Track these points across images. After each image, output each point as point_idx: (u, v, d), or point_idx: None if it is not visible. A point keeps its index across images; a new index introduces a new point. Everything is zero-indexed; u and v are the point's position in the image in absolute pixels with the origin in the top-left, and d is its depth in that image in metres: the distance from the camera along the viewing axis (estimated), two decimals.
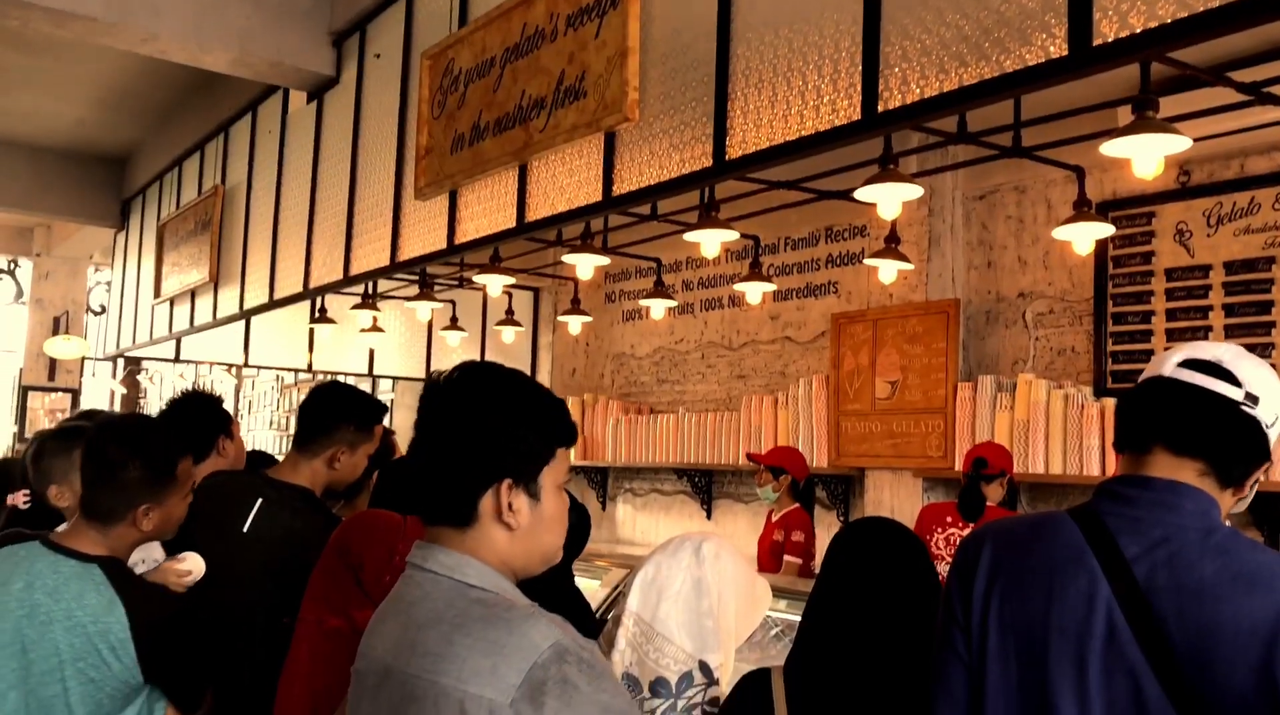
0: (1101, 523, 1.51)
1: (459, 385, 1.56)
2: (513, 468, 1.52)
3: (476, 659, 1.39)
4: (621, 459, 7.45)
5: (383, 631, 1.55)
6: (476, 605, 1.46)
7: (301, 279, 6.09)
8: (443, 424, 1.54)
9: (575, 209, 4.01)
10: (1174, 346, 1.64)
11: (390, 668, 1.49)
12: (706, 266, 7.24)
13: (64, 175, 9.28)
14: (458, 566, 1.50)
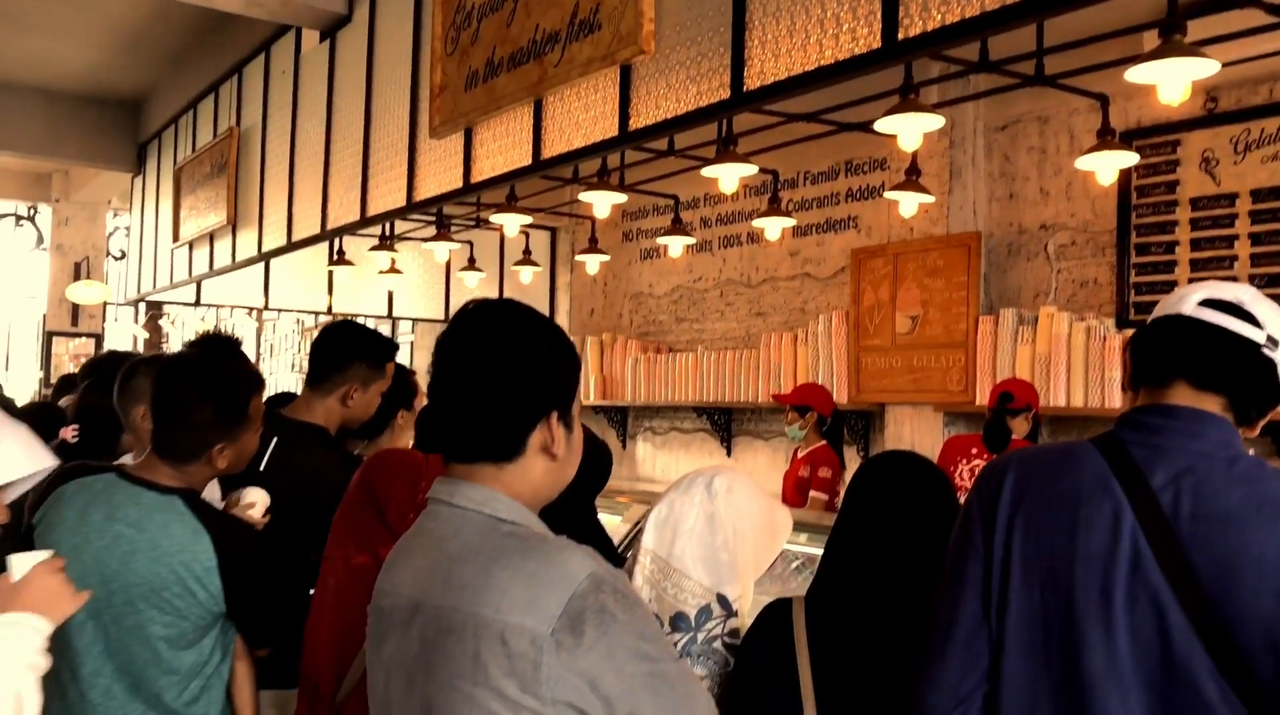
0: (1126, 451, 1.50)
1: (490, 322, 1.56)
2: (558, 399, 1.55)
3: (516, 590, 1.41)
4: (641, 398, 7.47)
5: (408, 567, 1.56)
6: (510, 539, 1.48)
7: (319, 220, 6.08)
8: (488, 361, 1.53)
9: (591, 145, 3.97)
10: (1189, 285, 1.62)
11: (421, 602, 1.50)
12: (725, 203, 7.19)
13: (80, 120, 9.26)
14: (487, 501, 1.51)
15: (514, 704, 1.40)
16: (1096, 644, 1.45)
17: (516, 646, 1.39)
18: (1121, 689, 1.44)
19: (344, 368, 2.89)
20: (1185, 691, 1.41)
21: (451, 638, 1.45)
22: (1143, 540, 1.44)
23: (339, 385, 2.89)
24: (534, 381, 1.53)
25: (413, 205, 5.21)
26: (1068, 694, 1.47)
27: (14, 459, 1.77)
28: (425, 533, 1.57)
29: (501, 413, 1.53)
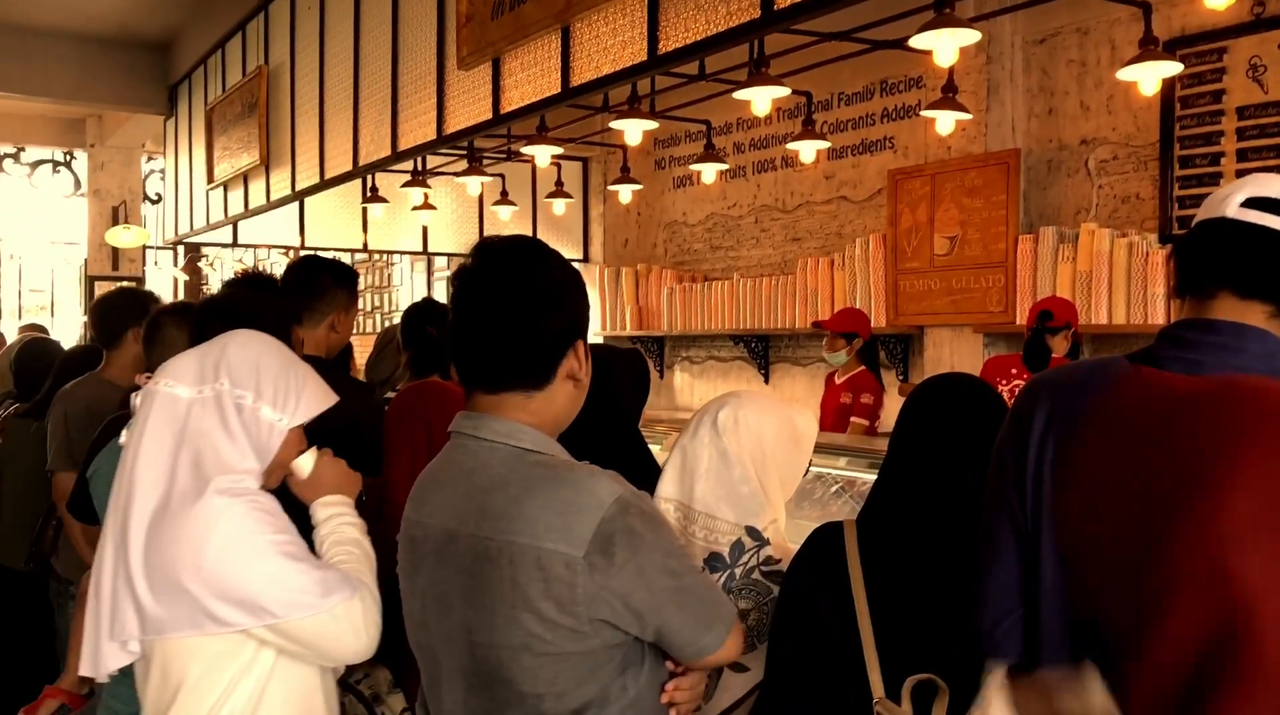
0: (1162, 367, 1.46)
1: (517, 256, 1.61)
2: (581, 327, 1.63)
3: (549, 517, 1.49)
4: (677, 328, 7.47)
5: (438, 499, 1.63)
6: (538, 468, 1.55)
7: (351, 157, 6.07)
8: (522, 293, 1.58)
9: (621, 70, 3.91)
10: (1235, 182, 1.54)
11: (456, 532, 1.57)
12: (758, 127, 7.10)
13: (110, 64, 9.26)
14: (512, 434, 1.58)
15: (552, 624, 1.49)
16: None
17: (553, 570, 1.48)
18: None
19: (328, 297, 3.04)
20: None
21: (489, 565, 1.53)
22: None
23: (325, 315, 3.04)
24: (562, 310, 1.59)
25: (443, 138, 5.19)
26: None
27: (321, 395, 1.87)
28: (453, 465, 1.63)
29: (537, 342, 1.58)
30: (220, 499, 1.69)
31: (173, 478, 1.71)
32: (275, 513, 1.76)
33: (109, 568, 1.72)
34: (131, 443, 1.77)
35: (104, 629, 1.71)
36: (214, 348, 1.85)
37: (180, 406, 1.76)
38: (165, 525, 1.68)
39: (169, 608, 1.66)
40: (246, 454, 1.76)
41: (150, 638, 1.70)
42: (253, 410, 1.77)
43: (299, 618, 1.68)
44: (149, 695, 1.75)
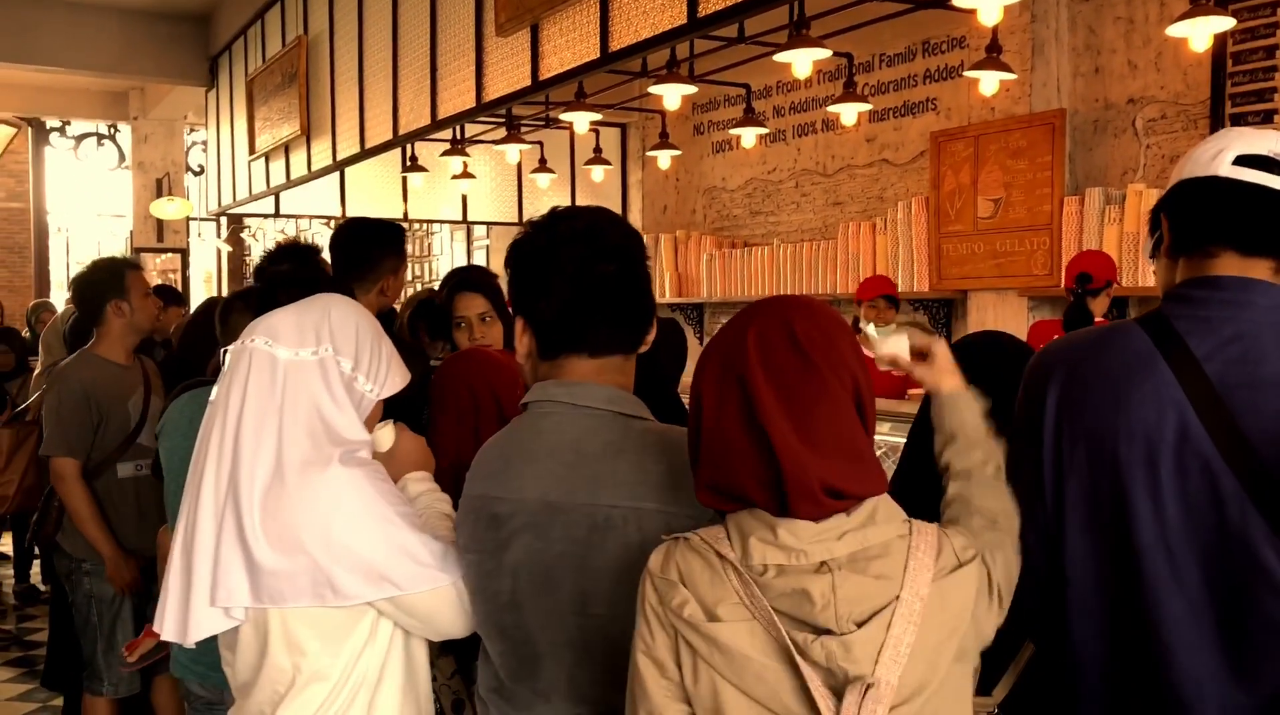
0: (1170, 326, 1.46)
1: (607, 229, 1.61)
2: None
3: (676, 480, 1.47)
4: (716, 294, 7.45)
5: (528, 471, 1.58)
6: (649, 433, 1.55)
7: (391, 126, 6.09)
8: (616, 264, 1.57)
9: (660, 34, 3.89)
10: (1218, 136, 1.52)
11: (559, 503, 1.54)
12: (798, 90, 7.03)
13: (152, 36, 9.33)
14: (613, 400, 1.57)
15: None
16: (1145, 516, 1.43)
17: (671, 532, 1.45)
18: (1172, 559, 1.43)
19: (378, 262, 3.04)
20: (1241, 557, 1.39)
21: (611, 533, 1.50)
22: (1190, 412, 1.41)
23: (376, 279, 3.04)
24: (647, 280, 1.62)
25: (482, 106, 5.19)
26: (1124, 566, 1.47)
27: (403, 371, 1.84)
28: (543, 435, 1.59)
29: (639, 310, 1.60)
30: (345, 469, 1.65)
31: (282, 443, 1.65)
32: (391, 483, 1.74)
33: (209, 529, 1.66)
34: (230, 401, 1.69)
35: (201, 593, 1.65)
36: (314, 309, 1.78)
37: (279, 367, 1.69)
38: (284, 493, 1.62)
39: (289, 577, 1.62)
40: (356, 424, 1.72)
41: (264, 606, 1.65)
42: (351, 378, 1.73)
43: (420, 590, 1.66)
44: (248, 662, 1.72)
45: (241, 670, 1.74)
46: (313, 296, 1.86)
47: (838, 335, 1.29)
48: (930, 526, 1.31)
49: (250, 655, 1.71)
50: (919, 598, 1.23)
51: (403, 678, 1.74)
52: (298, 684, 1.67)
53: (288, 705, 1.68)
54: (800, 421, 1.23)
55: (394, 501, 1.69)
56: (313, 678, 1.67)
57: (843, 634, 1.21)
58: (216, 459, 1.66)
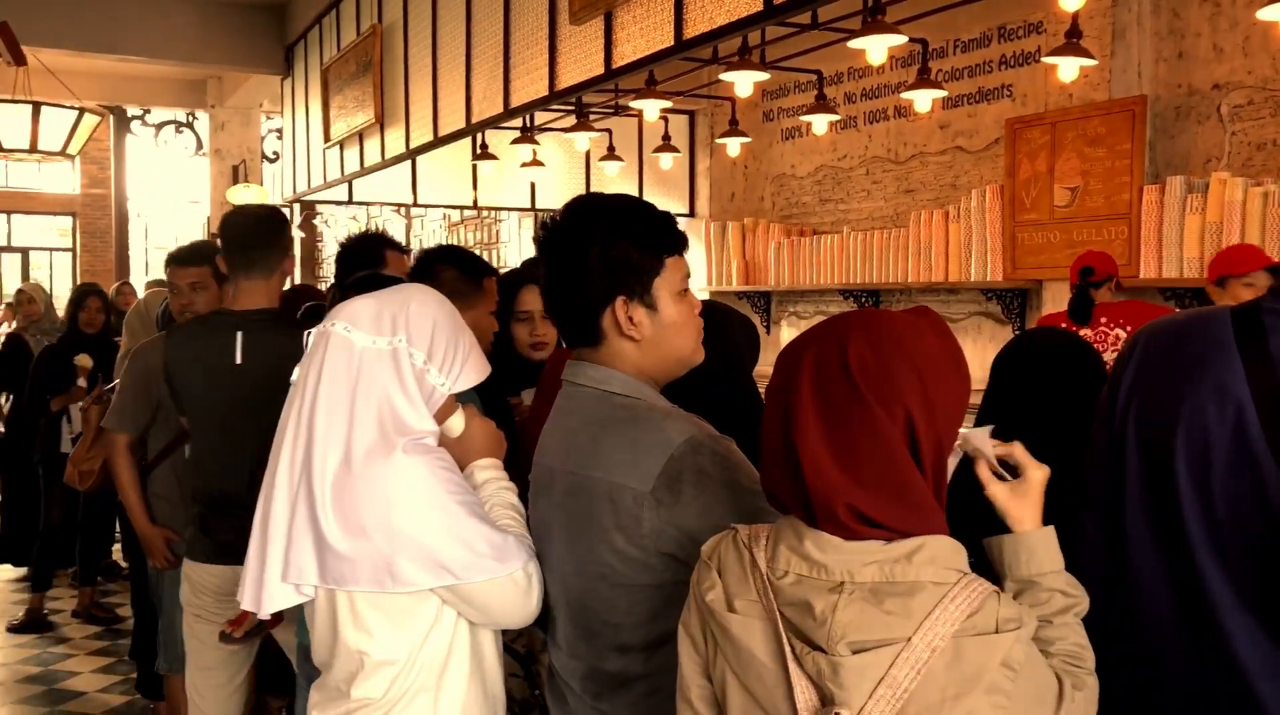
0: (1259, 318, 1.41)
1: (563, 221, 1.71)
2: (623, 285, 1.66)
3: (620, 454, 1.60)
4: (785, 282, 7.41)
5: (548, 441, 1.78)
6: (620, 410, 1.65)
7: (464, 114, 6.15)
8: (556, 259, 1.70)
9: (736, 21, 3.87)
10: None
11: (555, 469, 1.72)
12: (870, 76, 6.96)
13: (229, 25, 9.51)
14: (604, 379, 1.68)
15: (624, 555, 1.59)
16: (1193, 510, 1.40)
17: (622, 504, 1.58)
18: (1220, 556, 1.39)
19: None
20: None
21: (573, 499, 1.66)
22: (1250, 409, 1.36)
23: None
24: (588, 273, 1.65)
25: (555, 94, 5.22)
26: (1175, 558, 1.43)
27: (480, 366, 1.85)
28: (558, 410, 1.77)
29: (568, 304, 1.70)
30: (407, 458, 1.68)
31: (352, 429, 1.69)
32: (457, 472, 1.77)
33: (283, 507, 1.71)
34: (308, 383, 1.74)
35: (274, 569, 1.71)
36: (394, 298, 1.80)
37: (354, 353, 1.73)
38: (350, 479, 1.67)
39: (353, 562, 1.66)
40: (424, 414, 1.74)
41: (330, 586, 1.70)
42: (422, 371, 1.76)
43: (477, 580, 1.69)
44: (323, 640, 1.77)
45: (319, 649, 1.80)
46: (399, 285, 1.90)
47: (895, 365, 1.24)
48: (983, 585, 1.22)
49: (324, 634, 1.77)
50: (930, 648, 1.16)
51: (470, 663, 1.77)
52: (367, 665, 1.72)
53: (360, 684, 1.73)
54: (839, 445, 1.22)
55: (456, 491, 1.72)
56: (381, 659, 1.72)
57: (832, 655, 1.19)
58: (293, 440, 1.72)
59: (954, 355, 1.31)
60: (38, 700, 5.05)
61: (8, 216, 17.99)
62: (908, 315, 1.32)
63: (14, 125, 8.55)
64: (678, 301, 1.70)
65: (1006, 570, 1.39)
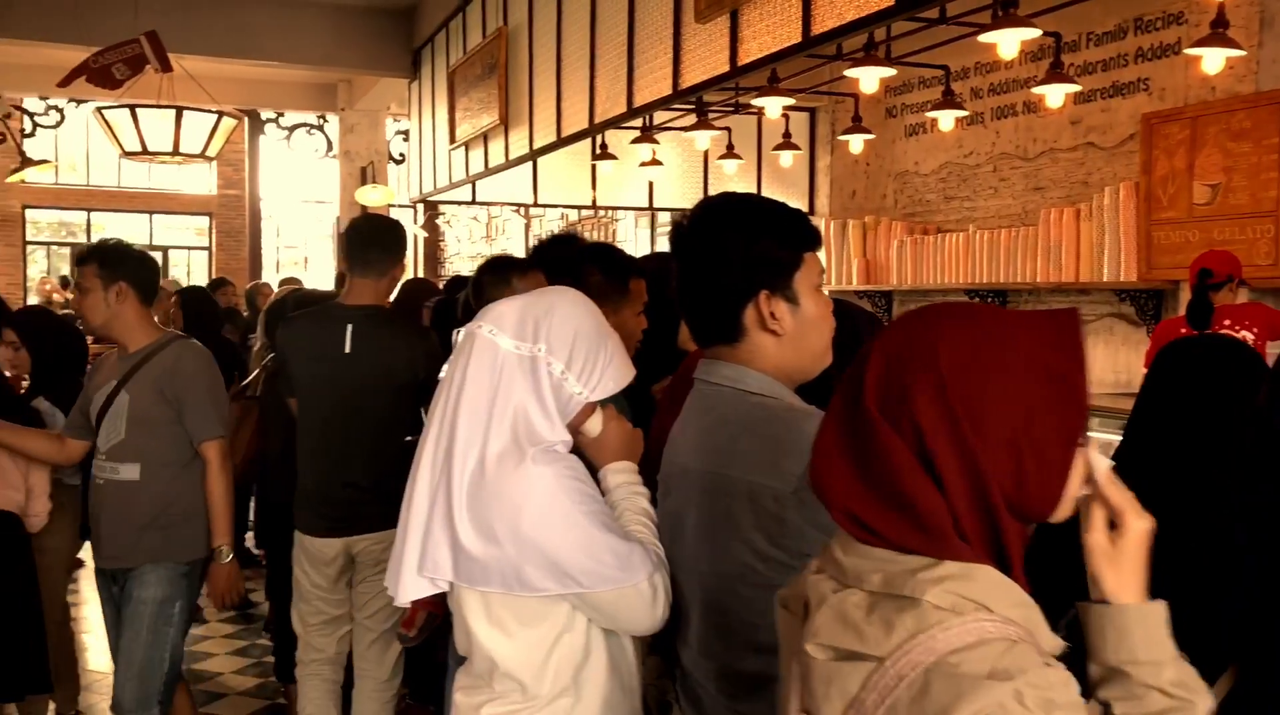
0: None
1: (702, 217, 1.71)
2: (765, 279, 1.65)
3: (760, 454, 1.58)
4: (907, 282, 7.29)
5: (680, 439, 1.77)
6: (758, 408, 1.64)
7: (586, 115, 6.21)
8: (695, 253, 1.70)
9: (866, 16, 3.84)
10: None
11: (687, 468, 1.72)
12: (998, 71, 6.80)
13: (359, 30, 9.81)
14: (738, 377, 1.67)
15: (764, 556, 1.58)
16: None
17: (762, 504, 1.56)
18: None
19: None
20: None
21: (710, 498, 1.65)
22: None
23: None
24: (728, 266, 1.65)
25: (678, 93, 5.24)
26: None
27: (622, 373, 1.84)
28: (691, 408, 1.76)
29: (708, 300, 1.69)
30: (536, 468, 1.69)
31: (489, 433, 1.70)
32: (586, 480, 1.76)
33: (424, 499, 1.74)
34: (453, 382, 1.76)
35: (411, 560, 1.74)
36: (539, 303, 1.81)
37: (497, 356, 1.74)
38: (483, 484, 1.69)
39: (484, 564, 1.68)
40: (557, 425, 1.74)
41: (463, 584, 1.73)
42: (560, 380, 1.75)
43: (601, 590, 1.69)
44: (461, 637, 1.81)
45: (459, 637, 1.83)
46: (548, 288, 1.92)
47: (915, 382, 1.06)
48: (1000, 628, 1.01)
49: (461, 626, 1.80)
50: (898, 675, 1.00)
51: (607, 664, 1.78)
52: (499, 664, 1.75)
53: (499, 680, 1.76)
54: (849, 446, 1.10)
55: (583, 500, 1.72)
56: (512, 658, 1.73)
57: (810, 656, 1.08)
58: (436, 436, 1.75)
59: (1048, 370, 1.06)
60: None
61: (150, 216, 18.87)
62: (1005, 314, 1.12)
63: (158, 129, 8.97)
64: (815, 298, 1.70)
65: (1092, 650, 1.14)
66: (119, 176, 17.94)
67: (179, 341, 3.37)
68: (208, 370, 3.34)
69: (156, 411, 3.23)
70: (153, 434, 3.23)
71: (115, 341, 3.37)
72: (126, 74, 7.90)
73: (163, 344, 3.31)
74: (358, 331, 3.29)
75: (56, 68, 8.48)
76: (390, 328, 3.35)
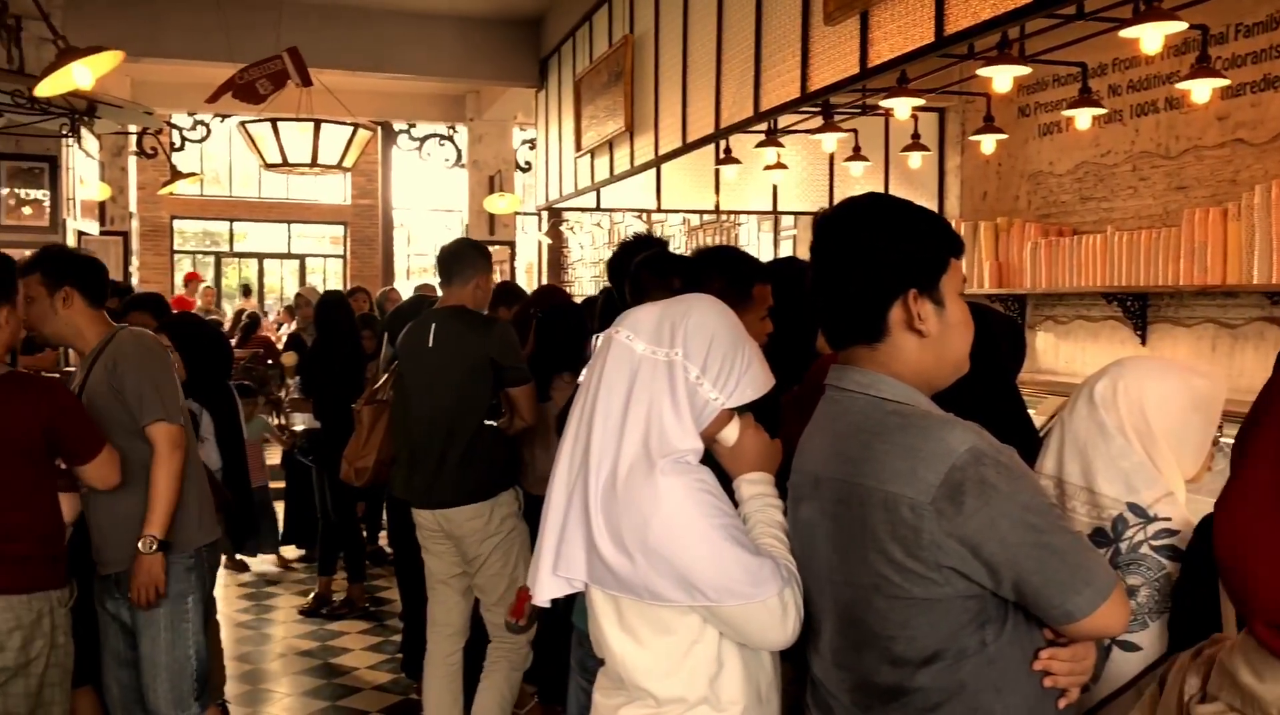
0: None
1: (847, 215, 1.68)
2: (915, 277, 1.62)
3: (896, 463, 1.54)
4: (1041, 285, 7.09)
5: (810, 447, 1.73)
6: (893, 416, 1.60)
7: (712, 119, 6.22)
8: (840, 251, 1.66)
9: (1003, 14, 3.74)
10: None
11: (820, 477, 1.68)
12: (1138, 67, 6.56)
13: (488, 42, 10.02)
14: (872, 384, 1.63)
15: (900, 567, 1.54)
16: None
17: (899, 514, 1.52)
18: None
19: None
20: None
21: (844, 507, 1.61)
22: None
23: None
24: (883, 263, 1.62)
25: (806, 96, 5.20)
26: None
27: (761, 380, 1.82)
28: (822, 415, 1.73)
29: (854, 296, 1.65)
30: (665, 480, 1.68)
31: (621, 440, 1.71)
32: (717, 492, 1.75)
33: (560, 502, 1.76)
34: (589, 386, 1.78)
35: (547, 559, 1.76)
36: (677, 308, 1.81)
37: (634, 360, 1.75)
38: (614, 494, 1.70)
39: (614, 570, 1.70)
40: (690, 431, 1.73)
41: (596, 586, 1.75)
42: (695, 384, 1.74)
43: (730, 604, 1.68)
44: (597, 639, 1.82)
45: (595, 638, 1.84)
46: (684, 295, 1.91)
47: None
48: None
49: (596, 635, 1.82)
50: None
51: (743, 676, 1.76)
52: (633, 670, 1.75)
53: (632, 686, 1.77)
54: None
55: (713, 513, 1.70)
56: (646, 667, 1.74)
57: None
58: (574, 438, 1.77)
59: None
60: (314, 673, 5.47)
61: (288, 225, 19.63)
62: None
63: (298, 141, 9.33)
64: (958, 302, 1.67)
65: None
66: (259, 187, 18.71)
67: (120, 332, 3.30)
68: (148, 355, 3.26)
69: (113, 407, 3.17)
70: (118, 430, 3.15)
71: (72, 347, 3.34)
72: (270, 89, 8.23)
73: (107, 339, 3.24)
74: (439, 328, 3.90)
75: (204, 85, 8.89)
76: (463, 320, 3.91)
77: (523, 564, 3.78)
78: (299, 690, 5.25)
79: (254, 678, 5.49)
